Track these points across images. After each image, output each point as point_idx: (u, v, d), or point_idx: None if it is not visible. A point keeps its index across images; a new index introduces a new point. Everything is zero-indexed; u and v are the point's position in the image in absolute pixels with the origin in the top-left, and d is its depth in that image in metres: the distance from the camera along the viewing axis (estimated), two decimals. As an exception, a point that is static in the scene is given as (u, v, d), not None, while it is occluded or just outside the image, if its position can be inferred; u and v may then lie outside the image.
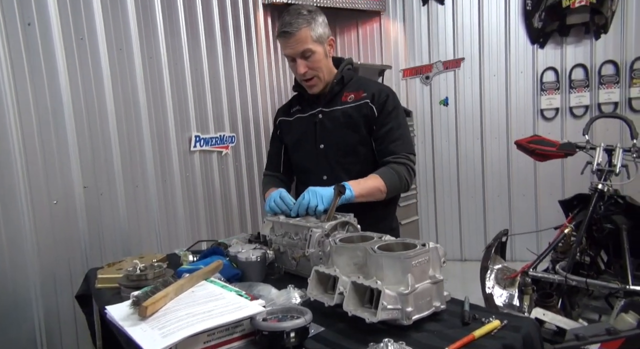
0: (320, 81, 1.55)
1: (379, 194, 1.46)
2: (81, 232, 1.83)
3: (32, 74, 1.65)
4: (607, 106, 3.67)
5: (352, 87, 1.59)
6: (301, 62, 1.49)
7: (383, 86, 1.63)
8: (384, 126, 1.53)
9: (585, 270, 2.24)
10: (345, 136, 1.55)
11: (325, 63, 1.54)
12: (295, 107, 1.69)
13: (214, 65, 2.76)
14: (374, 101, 1.53)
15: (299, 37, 1.44)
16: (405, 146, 1.54)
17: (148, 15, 2.22)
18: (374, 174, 1.47)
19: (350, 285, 0.94)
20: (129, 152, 2.07)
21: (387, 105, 1.54)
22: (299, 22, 1.44)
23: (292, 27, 1.44)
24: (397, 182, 1.49)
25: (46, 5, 1.70)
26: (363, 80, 1.65)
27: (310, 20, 1.45)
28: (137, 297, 0.94)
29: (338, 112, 1.56)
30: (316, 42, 1.47)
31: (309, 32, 1.45)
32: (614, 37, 3.60)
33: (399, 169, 1.49)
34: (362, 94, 1.56)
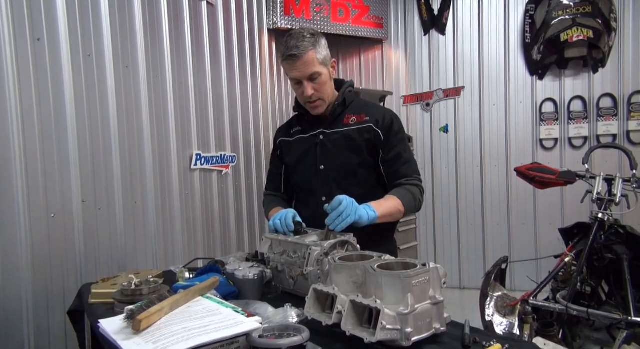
0: (324, 103, 1.57)
1: (398, 214, 1.48)
2: (77, 247, 1.81)
3: (38, 88, 1.67)
4: (606, 137, 3.71)
5: (353, 110, 1.61)
6: (308, 84, 1.51)
7: (385, 110, 1.65)
8: (392, 150, 1.55)
9: (586, 300, 2.21)
10: (346, 157, 1.56)
11: (329, 85, 1.56)
12: (295, 128, 1.71)
13: (217, 86, 2.80)
14: (379, 125, 1.55)
15: (305, 60, 1.47)
16: (414, 168, 1.58)
17: (155, 34, 2.26)
18: (391, 195, 1.49)
19: (349, 304, 0.92)
20: (130, 167, 2.07)
21: (393, 128, 1.56)
22: (304, 45, 1.46)
23: (299, 50, 1.45)
24: (413, 203, 1.51)
25: (56, 22, 1.73)
26: (364, 103, 1.67)
27: (315, 43, 1.48)
28: (131, 310, 0.92)
29: (339, 134, 1.58)
30: (321, 64, 1.50)
31: (315, 55, 1.48)
32: (612, 71, 3.67)
33: (413, 190, 1.52)
34: (365, 118, 1.57)
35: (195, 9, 2.61)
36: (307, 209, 1.61)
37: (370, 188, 1.57)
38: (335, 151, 1.57)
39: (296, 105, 1.69)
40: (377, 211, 1.37)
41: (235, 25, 3.03)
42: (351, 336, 0.89)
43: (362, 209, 1.33)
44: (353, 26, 3.86)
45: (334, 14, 3.76)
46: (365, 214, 1.33)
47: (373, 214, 1.35)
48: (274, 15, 3.51)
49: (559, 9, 3.62)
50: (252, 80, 3.21)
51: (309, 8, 3.64)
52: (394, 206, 1.45)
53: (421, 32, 4.14)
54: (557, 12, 3.62)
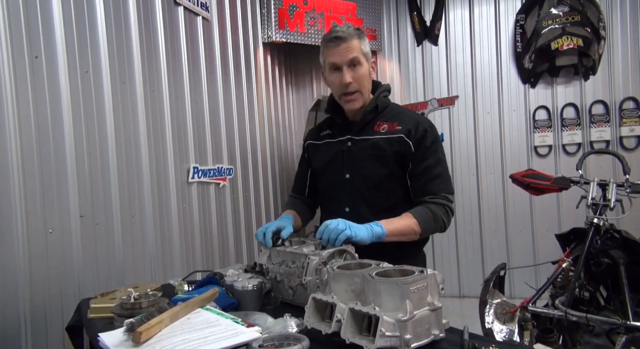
0: (361, 96, 1.48)
1: (411, 234, 1.39)
2: (75, 262, 1.80)
3: (36, 104, 1.68)
4: (599, 143, 3.75)
5: (386, 117, 1.51)
6: (348, 70, 1.43)
7: (420, 118, 1.53)
8: (422, 163, 1.44)
9: (585, 305, 2.21)
10: (372, 168, 1.46)
11: (368, 80, 1.49)
12: (325, 131, 1.63)
13: (213, 99, 2.82)
14: (411, 136, 1.44)
15: (350, 45, 1.41)
16: (443, 184, 1.45)
17: (152, 49, 2.29)
18: (407, 213, 1.39)
19: (347, 312, 0.93)
20: (127, 182, 2.08)
21: (426, 140, 1.44)
22: (350, 31, 1.42)
23: (345, 33, 1.41)
24: (432, 223, 1.40)
25: (54, 39, 1.75)
26: (399, 110, 1.56)
27: (361, 35, 1.45)
28: (131, 323, 0.92)
29: (368, 142, 1.48)
30: (364, 55, 1.45)
31: (359, 44, 1.44)
32: (602, 79, 3.73)
33: (435, 209, 1.41)
34: (397, 127, 1.47)
35: (191, 24, 2.65)
36: (329, 218, 1.48)
37: (397, 202, 1.47)
38: (362, 160, 1.48)
39: (328, 107, 1.62)
40: (387, 229, 1.29)
41: (231, 39, 3.07)
42: (351, 344, 0.89)
43: (362, 226, 1.27)
44: (347, 38, 3.91)
45: (328, 27, 3.81)
46: (367, 230, 1.26)
47: (379, 230, 1.28)
48: (268, 29, 3.55)
49: (548, 19, 3.69)
50: (248, 93, 3.25)
51: (303, 21, 3.69)
52: (406, 225, 1.36)
53: (414, 43, 4.20)
54: (546, 21, 3.69)
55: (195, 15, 2.69)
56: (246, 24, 3.32)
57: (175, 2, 2.50)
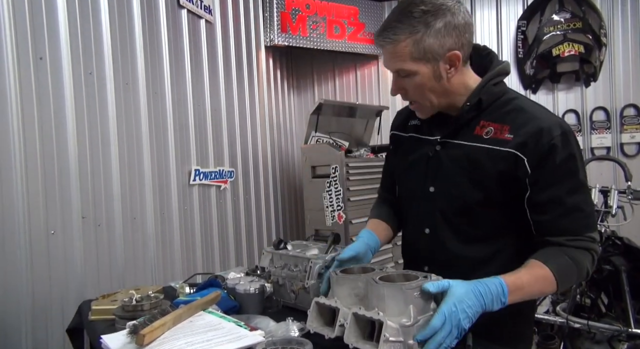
0: (425, 108, 1.10)
1: (542, 295, 1.11)
2: (77, 263, 1.80)
3: (40, 105, 1.69)
4: (600, 150, 3.75)
5: (495, 114, 1.05)
6: (396, 79, 1.06)
7: (547, 122, 0.99)
8: (548, 189, 0.98)
9: (587, 312, 2.21)
10: (463, 188, 1.06)
11: (434, 87, 1.04)
12: (413, 121, 1.22)
13: (216, 102, 2.83)
14: (526, 151, 0.98)
15: (392, 52, 1.01)
16: (586, 220, 1.00)
17: (155, 51, 2.30)
18: (538, 263, 0.95)
19: (351, 317, 0.92)
20: (129, 183, 2.08)
21: (553, 156, 0.97)
22: (397, 29, 0.98)
23: (384, 37, 1.00)
24: (574, 278, 1.00)
25: (58, 41, 1.76)
26: (516, 105, 1.05)
27: (419, 28, 0.97)
28: (134, 325, 0.92)
29: (463, 150, 1.06)
30: (419, 60, 0.99)
31: (409, 47, 0.98)
32: (603, 85, 3.74)
33: (579, 257, 0.97)
34: (507, 135, 1.01)
35: (194, 27, 2.66)
36: (406, 233, 1.24)
37: (495, 233, 1.07)
38: (452, 175, 1.08)
39: None
40: (509, 297, 0.90)
41: (233, 42, 3.08)
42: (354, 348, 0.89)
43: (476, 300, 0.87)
44: (349, 43, 3.93)
45: (330, 31, 3.82)
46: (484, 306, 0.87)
47: (498, 306, 0.90)
48: (270, 32, 3.57)
49: (550, 25, 3.70)
50: (250, 96, 3.25)
51: (306, 25, 3.70)
52: (539, 291, 0.97)
53: (416, 48, 4.21)
54: (548, 28, 3.70)
55: (198, 18, 2.70)
56: (249, 28, 3.33)
57: (179, 5, 2.51)
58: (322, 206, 3.09)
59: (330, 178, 3.03)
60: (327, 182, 3.05)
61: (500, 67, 1.07)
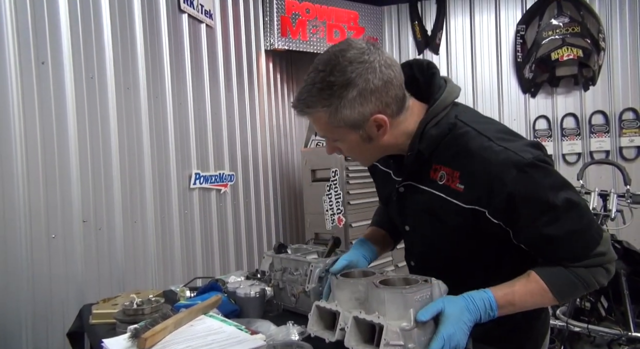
0: (365, 161, 1.07)
1: (538, 307, 0.99)
2: (77, 267, 1.80)
3: (41, 109, 1.70)
4: (599, 153, 3.76)
5: (443, 157, 0.95)
6: (327, 141, 1.01)
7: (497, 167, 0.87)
8: (526, 230, 0.90)
9: (586, 316, 2.21)
10: (434, 235, 1.02)
11: (367, 148, 0.97)
12: None
13: (216, 106, 2.84)
14: (483, 204, 0.90)
15: (313, 120, 0.95)
16: (584, 239, 0.90)
17: (156, 56, 2.31)
18: (537, 279, 0.91)
19: (352, 320, 0.93)
20: (130, 187, 2.09)
21: (515, 206, 0.87)
22: (308, 101, 0.91)
23: (300, 107, 0.93)
24: (580, 293, 0.95)
25: (60, 45, 1.77)
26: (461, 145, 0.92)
27: (331, 100, 0.88)
28: (136, 329, 0.92)
29: (423, 196, 0.99)
30: (340, 128, 0.92)
31: (325, 118, 0.91)
32: (602, 89, 3.75)
33: (587, 275, 0.91)
34: (457, 183, 0.92)
35: (195, 31, 2.67)
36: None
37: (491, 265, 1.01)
38: (421, 220, 1.04)
39: None
40: (499, 311, 0.88)
41: (234, 46, 3.09)
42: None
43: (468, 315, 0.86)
44: (349, 47, 3.94)
45: (330, 35, 3.84)
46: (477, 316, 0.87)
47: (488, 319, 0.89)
48: (270, 37, 3.58)
49: (548, 29, 3.72)
50: (250, 99, 3.26)
51: (305, 30, 3.72)
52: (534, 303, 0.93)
53: (415, 52, 4.23)
54: (547, 32, 3.72)
55: (199, 22, 2.71)
56: (249, 32, 3.35)
57: (179, 10, 2.52)
58: (322, 210, 3.10)
59: (330, 182, 3.04)
60: (327, 186, 3.05)
61: (440, 100, 0.94)
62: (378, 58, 0.88)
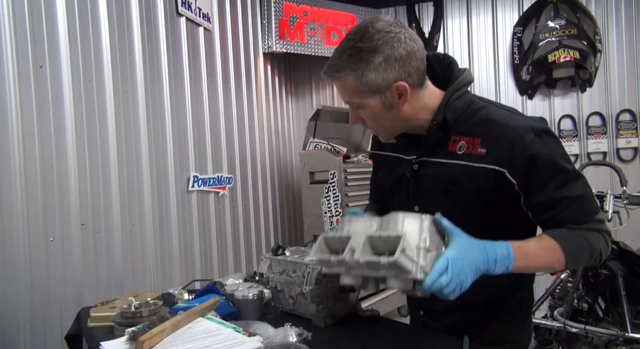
0: (385, 132, 1.10)
1: (547, 269, 1.01)
2: (75, 270, 1.81)
3: (39, 113, 1.70)
4: (596, 155, 3.78)
5: (464, 127, 1.02)
6: (352, 111, 1.07)
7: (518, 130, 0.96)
8: (541, 191, 0.96)
9: (584, 317, 2.21)
10: (447, 208, 0.96)
11: (387, 116, 1.03)
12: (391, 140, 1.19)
13: (214, 108, 2.85)
14: (502, 162, 0.96)
15: (340, 86, 1.02)
16: (590, 205, 0.98)
17: (154, 59, 2.32)
18: (549, 238, 0.94)
19: (365, 240, 0.84)
20: (128, 190, 2.09)
21: (535, 165, 0.94)
22: (339, 66, 0.98)
23: (328, 72, 1.01)
24: (586, 257, 0.97)
25: (58, 49, 1.78)
26: (483, 115, 1.02)
27: (358, 65, 0.96)
28: (133, 332, 0.93)
29: (440, 168, 1.05)
30: (365, 92, 0.99)
31: (352, 82, 0.98)
32: (599, 91, 3.77)
33: (592, 238, 0.96)
34: (480, 149, 0.99)
35: (193, 34, 2.68)
36: None
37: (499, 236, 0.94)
38: (433, 195, 1.07)
39: None
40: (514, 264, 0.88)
41: (232, 49, 3.10)
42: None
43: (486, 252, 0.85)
44: (346, 49, 3.95)
45: (328, 38, 3.85)
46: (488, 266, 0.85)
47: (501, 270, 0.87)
48: (269, 39, 3.59)
49: (545, 31, 3.74)
50: (248, 102, 3.27)
51: (303, 32, 3.73)
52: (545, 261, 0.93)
53: (413, 55, 4.24)
54: (543, 34, 3.74)
55: (197, 26, 2.72)
56: (247, 35, 3.36)
57: (177, 13, 2.53)
58: (320, 212, 3.10)
59: (329, 184, 3.05)
60: (326, 188, 3.06)
61: (461, 79, 1.04)
62: (403, 31, 0.97)
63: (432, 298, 0.87)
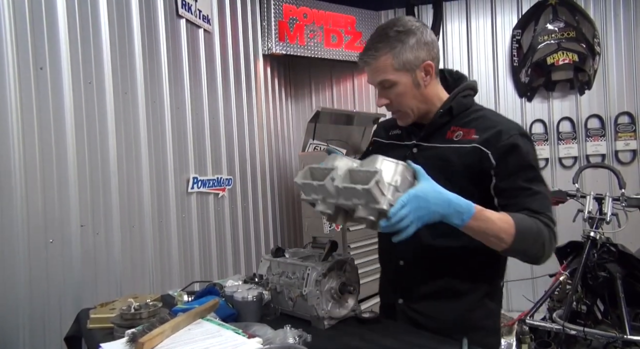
0: (407, 115, 1.24)
1: (495, 239, 1.06)
2: (75, 271, 1.81)
3: (40, 114, 1.70)
4: (595, 157, 3.78)
5: (463, 121, 1.22)
6: (380, 92, 1.23)
7: (507, 124, 1.18)
8: (512, 176, 1.12)
9: (583, 319, 2.22)
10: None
11: (414, 94, 1.20)
12: (394, 130, 1.37)
13: (214, 110, 2.85)
14: (490, 146, 1.13)
15: (375, 66, 1.19)
16: (546, 201, 1.13)
17: (154, 60, 2.32)
18: (507, 214, 1.07)
19: (345, 172, 0.99)
20: (128, 192, 2.09)
21: (515, 153, 1.12)
22: (378, 47, 1.17)
23: (368, 55, 1.19)
24: (531, 239, 1.07)
25: (59, 51, 1.78)
26: (482, 114, 1.23)
27: (396, 44, 1.15)
28: (133, 333, 0.93)
29: (436, 151, 1.21)
30: (399, 70, 1.17)
31: (390, 60, 1.16)
32: (598, 93, 3.78)
33: (541, 228, 1.08)
34: (473, 135, 1.17)
35: (193, 36, 2.69)
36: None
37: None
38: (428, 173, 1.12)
39: None
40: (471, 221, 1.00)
41: (232, 51, 3.11)
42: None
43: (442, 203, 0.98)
44: (346, 51, 3.96)
45: (327, 40, 3.86)
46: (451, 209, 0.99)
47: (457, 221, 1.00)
48: (268, 41, 3.60)
49: (544, 34, 3.75)
50: (248, 104, 3.27)
51: (303, 34, 3.74)
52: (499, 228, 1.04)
53: (412, 57, 4.25)
54: (542, 37, 3.75)
55: (197, 27, 2.73)
56: (247, 36, 3.37)
57: (177, 15, 2.54)
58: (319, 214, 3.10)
59: (328, 186, 3.04)
60: (325, 190, 3.06)
61: (468, 83, 1.26)
62: (425, 26, 1.21)
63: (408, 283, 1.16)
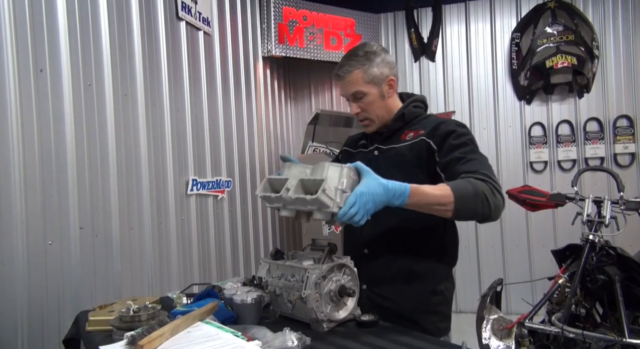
0: (373, 122, 1.48)
1: (439, 206, 1.18)
2: (74, 274, 1.80)
3: (39, 116, 1.70)
4: (594, 160, 3.79)
5: (414, 126, 1.46)
6: (353, 103, 1.46)
7: (447, 121, 1.42)
8: (450, 153, 1.32)
9: (582, 322, 2.22)
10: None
11: (380, 104, 1.45)
12: (362, 141, 1.62)
13: (213, 112, 2.85)
14: (432, 135, 1.37)
15: (349, 80, 1.43)
16: (482, 165, 1.29)
17: (153, 62, 2.32)
18: (442, 183, 1.22)
19: (297, 182, 1.13)
20: (127, 194, 2.09)
21: (451, 136, 1.34)
22: (351, 64, 1.42)
23: (342, 70, 1.43)
24: (471, 197, 1.18)
25: (59, 53, 1.78)
26: (428, 116, 1.50)
27: (365, 62, 1.41)
28: (132, 336, 0.93)
29: (393, 151, 1.45)
30: (369, 83, 1.42)
31: (361, 74, 1.41)
32: (596, 96, 3.79)
33: (476, 182, 1.21)
34: (420, 132, 1.41)
35: (193, 38, 2.69)
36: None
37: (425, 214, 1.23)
38: (385, 169, 1.28)
39: None
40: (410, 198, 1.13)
41: (231, 53, 3.12)
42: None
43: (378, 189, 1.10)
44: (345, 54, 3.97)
45: (327, 42, 3.87)
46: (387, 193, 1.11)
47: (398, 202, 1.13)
48: (268, 44, 3.61)
49: (543, 37, 3.77)
50: (247, 106, 3.28)
51: (303, 37, 3.75)
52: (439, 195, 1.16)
53: (412, 59, 4.27)
54: (541, 40, 3.76)
55: (196, 30, 2.73)
56: (246, 39, 3.37)
57: (177, 17, 2.54)
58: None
59: (327, 188, 3.05)
60: (324, 192, 3.06)
61: (418, 96, 1.53)
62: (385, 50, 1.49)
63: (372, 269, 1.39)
